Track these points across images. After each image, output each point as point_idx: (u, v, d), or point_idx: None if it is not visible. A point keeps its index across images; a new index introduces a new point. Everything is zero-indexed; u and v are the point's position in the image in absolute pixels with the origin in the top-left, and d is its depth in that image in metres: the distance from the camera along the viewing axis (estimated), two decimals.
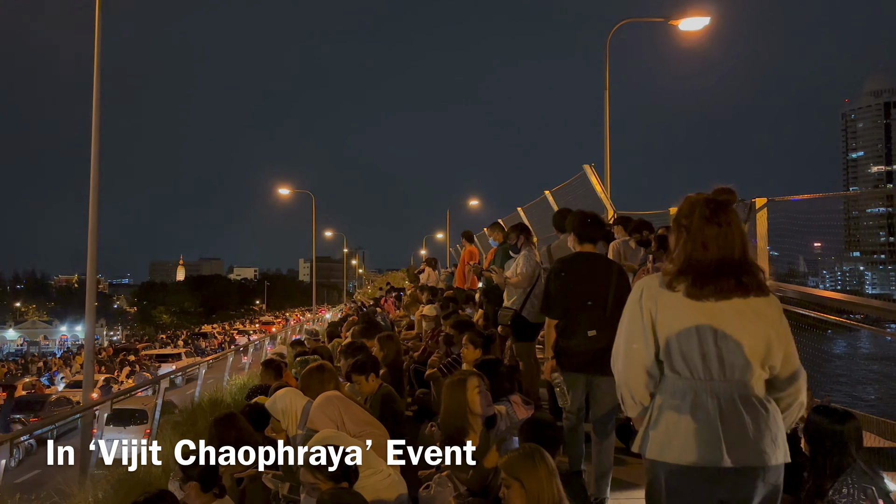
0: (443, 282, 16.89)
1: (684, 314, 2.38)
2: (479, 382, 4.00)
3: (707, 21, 14.72)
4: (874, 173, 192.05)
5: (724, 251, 2.37)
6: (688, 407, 2.37)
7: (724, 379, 2.36)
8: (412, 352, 8.23)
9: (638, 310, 2.46)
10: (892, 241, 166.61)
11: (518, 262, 7.01)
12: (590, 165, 11.32)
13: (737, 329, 2.35)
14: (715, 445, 2.32)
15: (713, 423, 2.33)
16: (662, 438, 2.41)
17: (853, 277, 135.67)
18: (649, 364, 2.44)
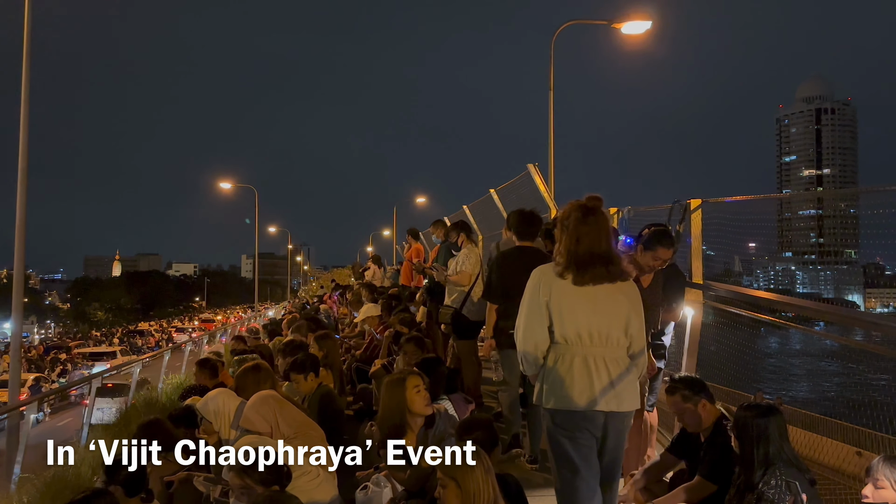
0: (388, 279, 16.79)
1: (570, 297, 3.13)
2: (419, 381, 3.97)
3: (649, 25, 14.99)
4: (806, 176, 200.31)
5: (593, 245, 3.12)
6: (571, 366, 3.11)
7: (597, 345, 3.12)
8: (355, 350, 8.13)
9: (536, 293, 3.19)
10: (822, 242, 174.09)
11: (458, 261, 7.00)
12: (534, 165, 11.39)
13: (607, 307, 3.13)
14: (589, 395, 3.08)
15: (589, 378, 3.09)
16: (552, 390, 3.15)
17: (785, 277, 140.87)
18: (543, 335, 3.17)
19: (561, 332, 3.14)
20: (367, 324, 8.34)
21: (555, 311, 3.14)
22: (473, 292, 6.92)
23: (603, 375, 3.10)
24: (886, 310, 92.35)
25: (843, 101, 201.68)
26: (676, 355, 6.01)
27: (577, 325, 3.11)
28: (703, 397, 3.58)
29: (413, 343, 5.51)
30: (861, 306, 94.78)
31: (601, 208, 3.23)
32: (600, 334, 3.12)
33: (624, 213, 7.97)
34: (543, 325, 3.16)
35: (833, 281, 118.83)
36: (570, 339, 3.13)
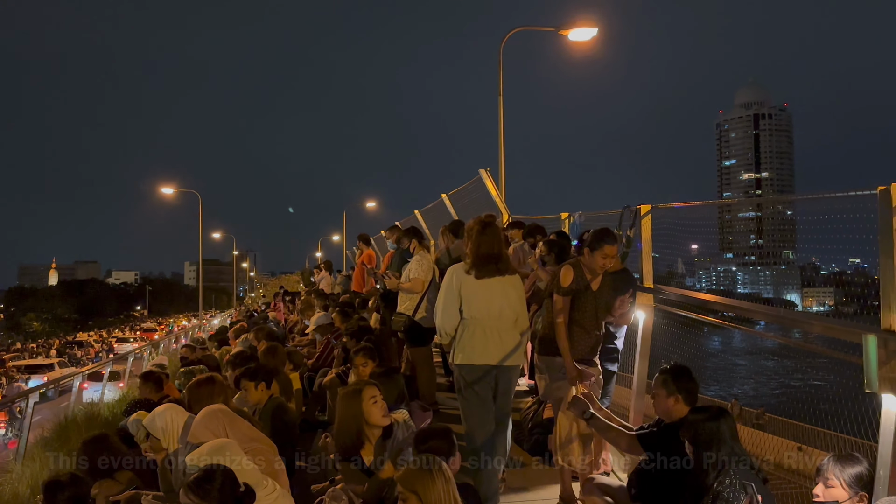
0: (339, 285, 16.60)
1: (474, 287, 4.34)
2: (376, 392, 3.90)
3: (595, 32, 15.24)
4: (745, 180, 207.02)
5: (489, 250, 4.35)
6: (473, 335, 4.32)
7: (492, 319, 4.32)
8: (306, 359, 7.99)
9: (451, 284, 4.39)
10: (761, 243, 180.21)
11: (411, 267, 6.94)
12: (485, 170, 11.45)
13: (498, 294, 4.35)
14: (485, 354, 4.29)
15: (485, 343, 4.29)
16: (461, 352, 4.35)
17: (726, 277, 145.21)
18: (456, 315, 4.36)
19: (467, 312, 4.36)
20: (318, 332, 8.21)
21: (464, 297, 4.35)
22: (427, 298, 6.89)
23: (495, 341, 4.32)
24: (822, 308, 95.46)
25: (779, 107, 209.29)
26: (629, 358, 6.10)
27: (477, 306, 4.33)
28: (679, 393, 3.61)
29: (363, 354, 5.41)
30: (799, 305, 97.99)
31: (495, 223, 4.49)
32: (493, 313, 4.33)
33: (575, 217, 8.07)
34: (456, 307, 4.36)
35: (772, 281, 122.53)
36: (473, 316, 4.34)
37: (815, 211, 4.84)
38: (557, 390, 4.47)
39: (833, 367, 4.67)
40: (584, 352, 4.55)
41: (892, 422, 2.80)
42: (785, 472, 4.63)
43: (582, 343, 4.53)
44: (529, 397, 7.36)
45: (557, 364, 4.48)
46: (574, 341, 4.48)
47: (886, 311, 2.97)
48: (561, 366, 4.45)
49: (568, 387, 4.40)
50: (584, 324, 4.56)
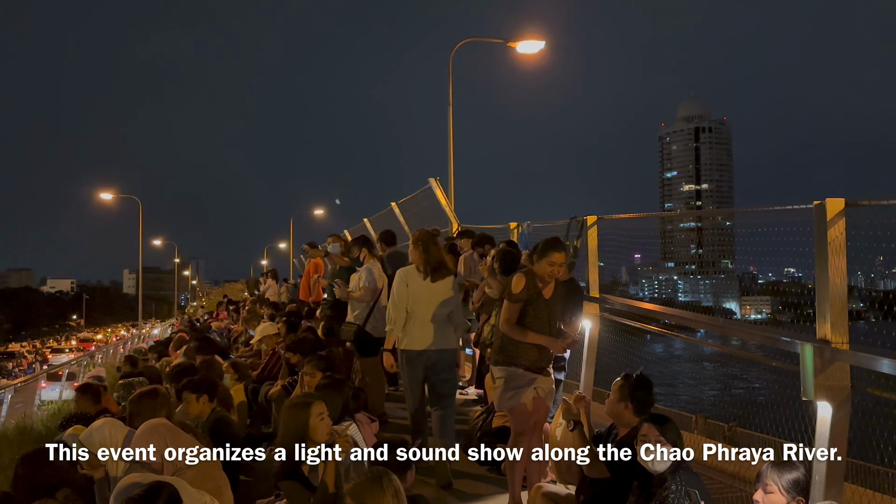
0: (285, 294, 16.34)
1: (420, 286, 5.35)
2: (324, 409, 3.84)
3: (542, 45, 15.46)
4: (686, 191, 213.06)
5: (436, 257, 5.41)
6: (415, 325, 5.34)
7: (431, 313, 5.32)
8: (250, 370, 7.81)
9: (401, 283, 5.38)
10: (701, 253, 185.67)
11: (360, 276, 6.89)
12: (435, 179, 11.48)
13: (441, 293, 5.36)
14: (425, 340, 5.33)
15: (425, 331, 5.33)
16: (406, 339, 5.38)
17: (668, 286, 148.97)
18: (403, 309, 5.35)
19: (413, 307, 5.34)
20: (264, 343, 8.05)
21: (411, 294, 5.34)
22: (377, 307, 6.83)
23: (432, 330, 5.35)
24: (760, 316, 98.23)
25: (718, 121, 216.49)
26: (575, 366, 6.18)
27: (422, 302, 5.34)
28: (631, 402, 3.66)
29: (312, 364, 5.32)
30: (737, 313, 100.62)
31: (439, 234, 5.93)
32: (433, 307, 5.34)
33: (524, 227, 8.16)
34: (405, 303, 5.34)
35: (711, 289, 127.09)
36: (416, 310, 5.34)
37: (752, 224, 5.00)
38: (511, 399, 4.47)
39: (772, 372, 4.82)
40: (537, 360, 4.57)
41: (828, 428, 2.90)
42: (722, 476, 4.74)
43: (535, 351, 4.55)
44: (478, 406, 7.38)
45: (514, 373, 4.48)
46: (527, 349, 4.49)
47: (822, 322, 3.08)
48: (518, 375, 4.46)
49: (525, 395, 4.43)
50: (537, 332, 4.59)
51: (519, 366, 4.46)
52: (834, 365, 2.90)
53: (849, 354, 2.86)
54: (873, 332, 3.86)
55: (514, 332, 4.43)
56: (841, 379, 2.90)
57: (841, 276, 3.04)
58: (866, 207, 3.12)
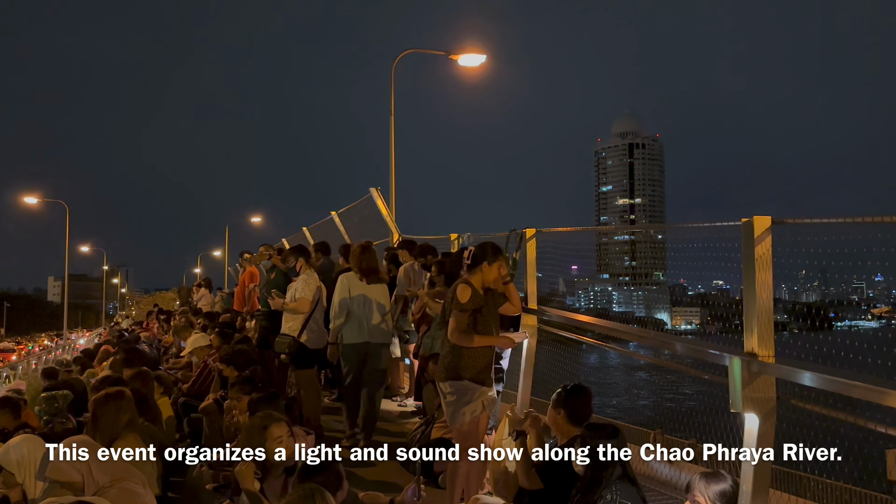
0: (219, 303, 15.93)
1: (359, 288, 6.33)
2: (283, 432, 3.73)
3: (483, 59, 15.60)
4: (620, 205, 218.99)
5: (369, 264, 6.38)
6: (352, 322, 6.30)
7: (367, 312, 6.30)
8: (181, 383, 7.56)
9: (343, 288, 6.34)
10: (635, 265, 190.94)
11: (297, 287, 6.76)
12: (376, 189, 11.43)
13: (373, 294, 6.37)
14: (362, 335, 6.29)
15: (360, 328, 6.29)
16: (345, 334, 6.32)
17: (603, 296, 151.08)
18: (345, 310, 6.30)
19: (351, 307, 6.30)
20: (195, 355, 7.81)
21: (350, 297, 6.32)
22: (313, 319, 6.72)
23: (367, 327, 6.32)
24: (689, 326, 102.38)
25: (651, 137, 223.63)
26: (513, 376, 6.22)
27: (359, 302, 6.32)
28: (564, 409, 3.70)
29: (237, 390, 5.18)
30: (668, 323, 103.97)
31: (372, 246, 6.69)
32: (369, 307, 6.33)
33: (464, 238, 8.18)
34: (346, 306, 6.31)
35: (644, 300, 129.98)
36: (353, 310, 6.31)
37: (682, 239, 5.15)
38: (464, 414, 4.46)
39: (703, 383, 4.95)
40: (483, 369, 4.57)
41: (754, 439, 3.00)
42: (654, 483, 4.84)
43: (482, 359, 4.55)
44: (416, 418, 7.34)
45: (464, 387, 4.47)
46: (476, 358, 4.49)
47: (749, 336, 3.18)
48: (468, 389, 4.46)
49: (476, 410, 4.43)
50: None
51: (468, 379, 4.46)
52: (760, 378, 3.00)
53: (775, 367, 2.97)
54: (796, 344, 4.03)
55: (464, 340, 4.43)
56: (767, 391, 3.01)
57: (767, 292, 3.16)
58: (791, 225, 3.26)
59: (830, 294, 69.15)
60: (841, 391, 2.61)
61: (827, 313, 24.25)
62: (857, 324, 79.98)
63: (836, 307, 46.58)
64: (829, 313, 30.10)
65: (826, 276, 50.73)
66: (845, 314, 55.39)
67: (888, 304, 41.87)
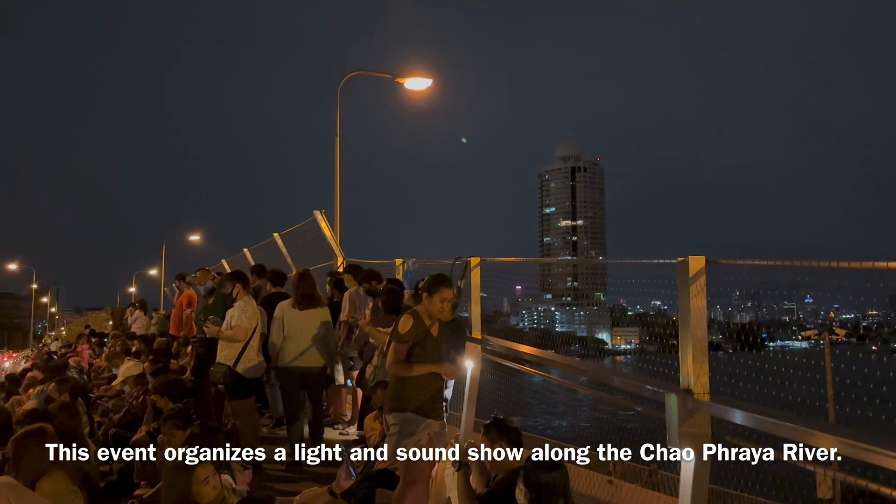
0: (155, 326, 15.43)
1: (295, 315, 6.64)
2: (209, 472, 3.61)
3: (429, 83, 15.72)
4: (563, 227, 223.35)
5: (306, 291, 6.72)
6: (290, 346, 6.58)
7: (304, 337, 6.60)
8: (113, 413, 7.26)
9: (280, 315, 6.66)
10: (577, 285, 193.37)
11: (233, 314, 6.59)
12: (321, 212, 11.32)
13: (310, 321, 6.66)
14: (296, 358, 6.57)
15: (297, 350, 6.57)
16: (282, 357, 6.60)
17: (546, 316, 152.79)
18: (281, 335, 6.60)
19: (288, 332, 6.59)
20: (128, 383, 7.52)
21: (286, 323, 6.61)
22: (250, 346, 6.56)
23: (303, 351, 6.60)
24: (629, 346, 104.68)
25: (593, 161, 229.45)
26: (457, 403, 6.21)
27: (295, 328, 6.61)
28: (504, 442, 3.69)
29: (170, 425, 5.01)
30: (608, 342, 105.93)
31: (310, 273, 7.04)
32: (305, 332, 6.62)
33: (409, 264, 8.17)
34: (282, 329, 6.60)
35: (586, 320, 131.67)
36: (291, 334, 6.60)
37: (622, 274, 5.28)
38: (406, 448, 4.40)
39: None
40: (430, 397, 4.53)
41: (691, 473, 3.06)
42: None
43: (427, 390, 4.52)
44: (359, 446, 7.23)
45: (408, 420, 4.43)
46: (419, 389, 4.46)
47: (684, 373, 3.26)
48: (412, 421, 4.41)
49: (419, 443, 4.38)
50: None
51: (412, 411, 4.42)
52: (696, 414, 3.08)
53: (710, 405, 3.05)
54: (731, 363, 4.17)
55: (401, 370, 4.41)
56: (703, 427, 3.08)
57: (702, 331, 3.25)
58: (723, 264, 3.37)
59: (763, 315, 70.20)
60: (771, 430, 2.70)
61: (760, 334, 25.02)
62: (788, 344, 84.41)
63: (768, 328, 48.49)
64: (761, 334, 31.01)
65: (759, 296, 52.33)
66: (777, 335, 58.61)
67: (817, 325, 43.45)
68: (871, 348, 49.54)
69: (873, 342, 62.82)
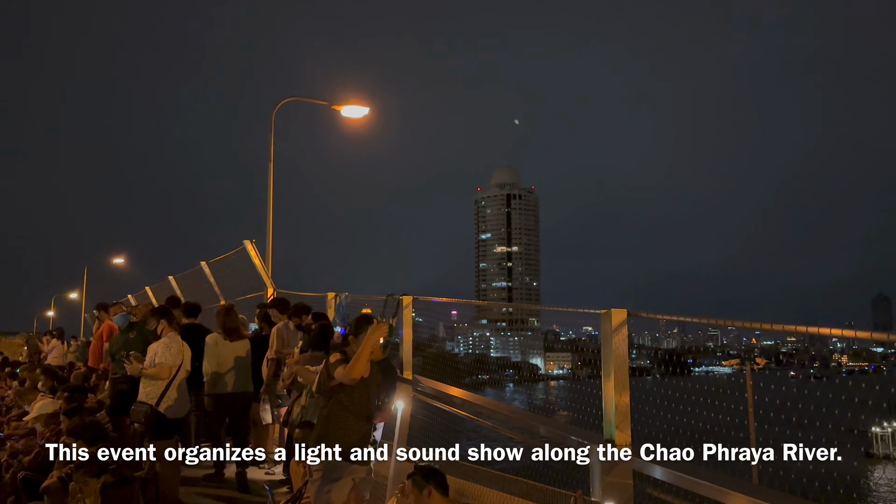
0: (73, 354, 14.73)
1: (222, 346, 7.30)
2: None
3: (367, 111, 15.73)
4: (498, 253, 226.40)
5: (233, 324, 7.46)
6: (219, 372, 7.23)
7: (229, 365, 7.27)
8: (23, 455, 6.84)
9: (212, 345, 7.29)
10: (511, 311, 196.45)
11: (157, 350, 6.35)
12: (251, 241, 11.10)
13: (237, 350, 7.35)
14: (223, 386, 7.23)
15: (223, 379, 7.24)
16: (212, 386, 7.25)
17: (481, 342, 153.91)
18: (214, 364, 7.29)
19: (217, 361, 7.18)
20: (40, 422, 7.12)
21: (219, 352, 7.21)
22: (174, 385, 6.32)
23: (230, 378, 7.20)
24: (562, 371, 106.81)
25: (528, 189, 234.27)
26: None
27: (223, 357, 7.21)
28: (431, 485, 3.67)
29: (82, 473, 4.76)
30: (541, 367, 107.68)
31: (234, 308, 7.75)
32: (233, 361, 7.22)
33: (341, 298, 8.08)
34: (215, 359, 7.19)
35: (520, 345, 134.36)
36: (223, 363, 7.21)
37: (557, 293, 5.37)
38: (328, 493, 4.31)
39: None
40: (357, 441, 4.46)
41: None
42: None
43: (354, 433, 4.45)
44: (285, 487, 7.04)
45: (332, 465, 4.34)
46: (348, 431, 4.39)
47: (608, 424, 3.33)
48: (336, 466, 4.32)
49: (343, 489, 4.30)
50: (356, 412, 4.50)
51: (337, 455, 4.34)
52: (618, 466, 3.14)
53: (632, 461, 3.11)
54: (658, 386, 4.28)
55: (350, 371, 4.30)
56: (625, 478, 3.14)
57: (624, 384, 3.32)
58: (643, 318, 3.47)
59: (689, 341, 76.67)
60: (690, 488, 2.77)
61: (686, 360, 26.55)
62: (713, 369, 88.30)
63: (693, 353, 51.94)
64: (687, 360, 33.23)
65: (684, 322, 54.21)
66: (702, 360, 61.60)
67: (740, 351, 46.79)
68: (790, 374, 52.72)
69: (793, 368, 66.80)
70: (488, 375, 66.35)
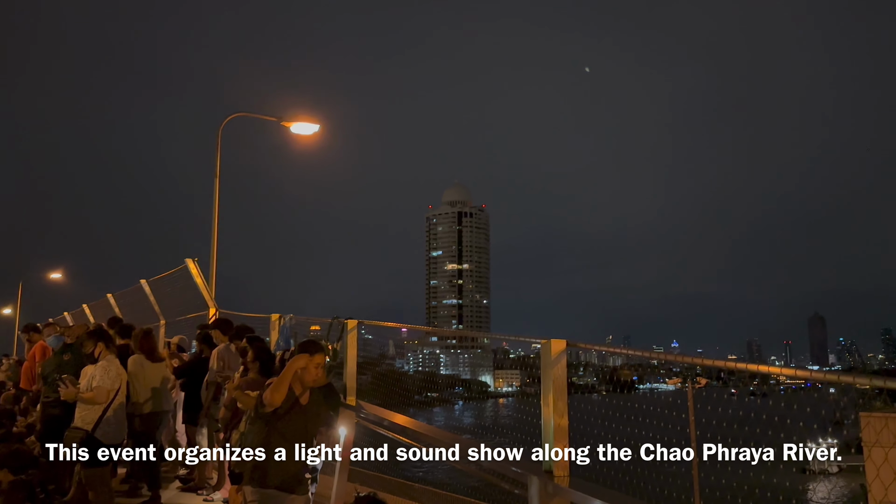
0: (5, 373, 14.09)
1: (146, 367, 7.53)
2: None
3: (317, 128, 15.64)
4: (449, 270, 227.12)
5: (152, 346, 7.78)
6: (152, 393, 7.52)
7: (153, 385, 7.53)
8: None
9: (137, 366, 7.46)
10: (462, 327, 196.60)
11: (94, 374, 6.15)
12: (193, 260, 10.86)
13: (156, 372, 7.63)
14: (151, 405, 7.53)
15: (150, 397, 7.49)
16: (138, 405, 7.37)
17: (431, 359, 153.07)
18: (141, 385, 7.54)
19: (143, 382, 7.39)
20: None
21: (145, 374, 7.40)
22: (112, 408, 6.13)
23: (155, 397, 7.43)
24: (511, 388, 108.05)
25: (478, 208, 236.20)
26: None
27: (148, 379, 7.44)
28: None
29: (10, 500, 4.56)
30: (491, 385, 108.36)
31: (152, 332, 8.00)
32: (155, 381, 7.51)
33: (286, 320, 7.96)
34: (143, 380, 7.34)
35: (470, 362, 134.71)
36: (150, 383, 7.43)
37: (506, 311, 5.41)
38: None
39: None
40: (292, 476, 4.38)
41: None
42: None
43: (292, 466, 4.36)
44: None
45: (267, 496, 4.25)
46: (285, 464, 4.30)
47: (546, 453, 3.35)
48: (271, 497, 4.23)
49: None
50: (293, 441, 4.42)
51: (275, 487, 4.25)
52: (556, 498, 3.16)
53: (568, 492, 3.14)
54: None
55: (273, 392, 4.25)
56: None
57: (563, 415, 3.36)
58: (582, 349, 3.52)
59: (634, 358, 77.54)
60: None
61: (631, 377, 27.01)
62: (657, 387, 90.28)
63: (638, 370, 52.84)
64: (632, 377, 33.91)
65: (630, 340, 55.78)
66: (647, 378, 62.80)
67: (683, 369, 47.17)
68: (731, 391, 53.38)
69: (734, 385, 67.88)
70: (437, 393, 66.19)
